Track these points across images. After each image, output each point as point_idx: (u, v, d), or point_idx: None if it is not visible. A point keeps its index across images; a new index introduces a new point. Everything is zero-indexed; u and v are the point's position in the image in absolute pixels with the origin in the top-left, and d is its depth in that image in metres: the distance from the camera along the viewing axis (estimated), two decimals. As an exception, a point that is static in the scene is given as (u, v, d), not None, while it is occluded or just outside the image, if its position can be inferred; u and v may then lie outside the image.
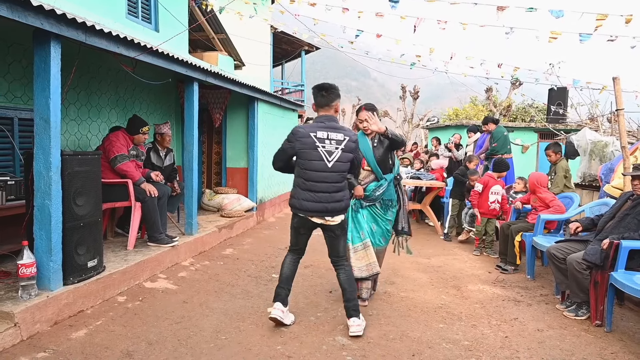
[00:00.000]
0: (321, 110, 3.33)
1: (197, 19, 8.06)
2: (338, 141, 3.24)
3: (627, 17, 4.83)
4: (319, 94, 3.30)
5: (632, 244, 3.50)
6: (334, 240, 3.41)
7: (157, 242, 4.86)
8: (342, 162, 3.26)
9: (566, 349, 3.20)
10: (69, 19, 3.13)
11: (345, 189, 3.37)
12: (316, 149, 3.21)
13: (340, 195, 3.30)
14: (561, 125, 11.17)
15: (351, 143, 3.29)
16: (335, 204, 3.26)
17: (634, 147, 5.48)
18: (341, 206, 3.31)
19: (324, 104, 3.30)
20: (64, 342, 3.01)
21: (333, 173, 3.24)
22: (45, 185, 3.27)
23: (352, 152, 3.31)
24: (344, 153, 3.25)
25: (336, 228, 3.35)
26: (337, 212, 3.29)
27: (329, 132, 3.23)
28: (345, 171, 3.32)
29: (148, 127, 5.04)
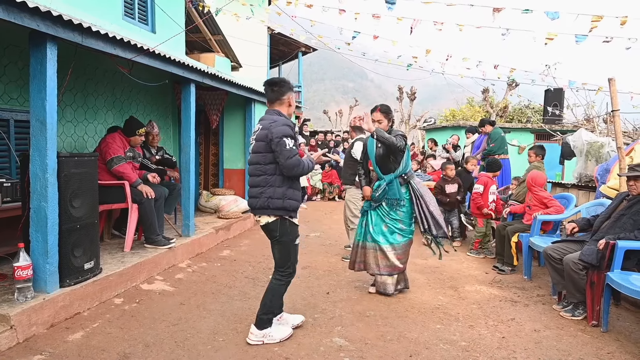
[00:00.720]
0: (272, 105, 3.16)
1: (194, 20, 8.05)
2: (255, 132, 3.10)
3: (622, 18, 4.85)
4: (269, 89, 3.14)
5: (628, 244, 3.52)
6: (272, 244, 3.18)
7: (154, 244, 4.85)
8: (256, 153, 3.06)
9: (563, 349, 3.20)
10: (65, 21, 3.13)
11: (264, 184, 3.01)
12: (250, 145, 3.18)
13: (256, 191, 3.05)
14: (557, 126, 11.22)
15: (263, 131, 2.99)
16: (251, 199, 3.09)
17: (629, 147, 5.51)
18: (256, 203, 3.04)
19: (274, 99, 3.13)
20: (60, 345, 3.00)
21: (251, 166, 3.11)
22: (41, 187, 3.26)
23: (264, 140, 2.97)
24: (257, 143, 3.04)
25: (264, 231, 3.12)
26: (254, 209, 3.07)
27: (258, 125, 3.11)
28: (261, 163, 3.03)
29: (144, 130, 5.06)
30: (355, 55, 10.72)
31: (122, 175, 4.66)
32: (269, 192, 3.01)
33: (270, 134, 2.94)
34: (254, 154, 3.09)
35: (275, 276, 3.20)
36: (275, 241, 3.12)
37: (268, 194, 3.01)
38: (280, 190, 3.01)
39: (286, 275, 3.21)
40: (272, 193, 3.00)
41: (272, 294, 3.19)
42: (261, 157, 3.03)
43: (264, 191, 3.01)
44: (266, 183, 3.02)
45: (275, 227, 3.06)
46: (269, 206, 3.01)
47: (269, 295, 3.18)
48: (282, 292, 3.24)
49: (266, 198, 3.00)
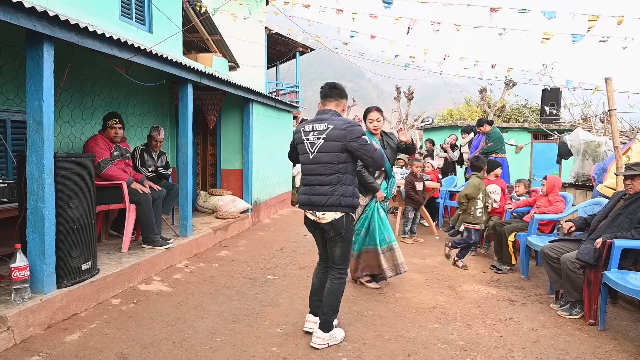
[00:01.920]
0: (329, 104, 3.22)
1: (191, 20, 8.04)
2: (320, 131, 3.07)
3: (619, 18, 4.87)
4: (327, 88, 3.24)
5: (625, 243, 3.53)
6: (329, 242, 3.17)
7: (151, 244, 4.84)
8: (324, 153, 3.05)
9: (560, 348, 3.21)
10: (62, 21, 3.12)
11: (335, 183, 3.05)
12: (302, 143, 3.17)
13: (325, 189, 3.05)
14: (554, 126, 11.25)
15: (335, 131, 3.01)
16: (317, 197, 3.06)
17: (626, 147, 5.53)
18: (324, 200, 3.03)
19: (326, 96, 3.23)
20: (57, 346, 2.99)
21: (316, 165, 3.09)
22: (38, 188, 3.25)
23: (340, 140, 3.01)
24: (327, 142, 3.03)
25: (328, 229, 3.09)
26: (321, 206, 3.05)
27: (314, 124, 3.12)
28: (334, 163, 3.04)
29: (116, 120, 4.81)
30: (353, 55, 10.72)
31: (112, 178, 4.62)
32: (341, 190, 3.05)
33: (349, 134, 3.00)
34: (322, 153, 3.06)
35: (336, 275, 3.18)
36: (340, 238, 3.12)
37: (340, 192, 3.05)
38: (350, 188, 3.10)
39: (345, 272, 3.22)
40: (344, 191, 3.05)
41: (336, 294, 3.17)
42: (334, 157, 3.05)
43: (336, 189, 3.05)
44: (338, 181, 3.06)
45: (342, 224, 3.08)
46: (340, 204, 3.04)
47: (333, 296, 3.15)
48: (343, 291, 3.23)
49: (338, 196, 3.04)
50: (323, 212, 3.07)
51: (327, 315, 3.14)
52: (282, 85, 17.29)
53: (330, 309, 3.15)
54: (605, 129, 8.00)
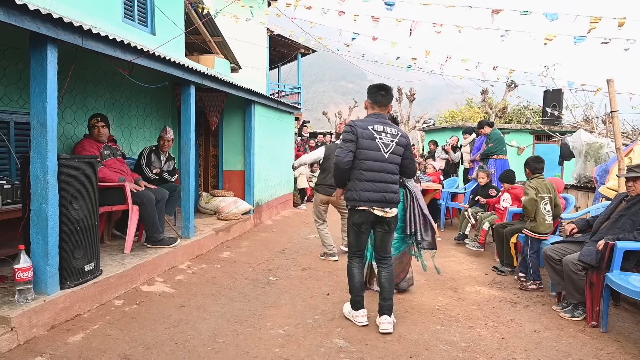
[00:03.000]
0: (378, 109, 3.50)
1: (194, 22, 8.07)
2: (393, 135, 3.41)
3: (621, 20, 4.87)
4: (379, 93, 3.47)
5: (627, 244, 3.53)
6: (385, 235, 3.52)
7: (158, 244, 4.84)
8: (396, 155, 3.42)
9: (562, 350, 3.21)
10: (66, 23, 3.14)
11: (397, 182, 3.48)
12: (374, 140, 3.37)
13: (395, 187, 3.44)
14: (556, 127, 11.24)
15: (403, 138, 3.44)
16: (392, 194, 3.39)
17: (628, 148, 5.52)
18: (397, 197, 3.44)
19: (384, 103, 3.50)
20: (61, 347, 3.00)
21: (389, 164, 3.41)
22: (41, 189, 3.26)
23: (405, 148, 3.45)
24: (397, 146, 3.41)
25: (392, 221, 3.47)
26: (394, 203, 3.41)
27: (384, 126, 3.42)
28: (399, 164, 3.46)
29: (97, 119, 4.76)
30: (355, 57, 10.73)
31: (102, 180, 4.58)
32: (397, 188, 3.51)
33: (409, 143, 3.52)
34: (394, 155, 3.42)
35: (389, 263, 3.57)
36: (395, 228, 3.57)
37: (397, 190, 3.50)
38: None
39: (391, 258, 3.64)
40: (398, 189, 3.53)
41: (392, 280, 3.55)
42: (397, 159, 3.45)
43: (397, 188, 3.49)
44: (398, 181, 3.52)
45: (397, 217, 3.54)
46: (399, 200, 3.51)
47: (391, 283, 3.52)
48: None
49: (399, 194, 3.54)
50: (393, 207, 3.43)
51: (391, 300, 3.50)
52: (284, 86, 17.32)
53: (392, 293, 3.53)
54: (607, 130, 8.00)
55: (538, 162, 4.85)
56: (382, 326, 3.42)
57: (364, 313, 3.55)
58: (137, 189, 4.80)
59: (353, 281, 3.55)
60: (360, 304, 3.56)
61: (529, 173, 4.88)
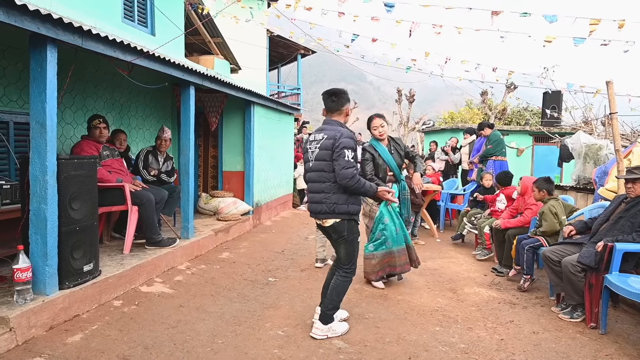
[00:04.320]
0: (331, 115, 3.35)
1: (193, 22, 8.07)
2: (317, 140, 3.24)
3: (620, 22, 4.87)
4: (329, 99, 3.34)
5: (626, 246, 3.53)
6: (333, 243, 3.40)
7: (157, 245, 4.84)
8: (319, 161, 3.20)
9: (561, 352, 3.21)
10: (66, 24, 3.14)
11: (328, 191, 3.16)
12: (307, 152, 3.35)
13: (320, 197, 3.19)
14: (556, 129, 11.24)
15: (328, 140, 3.15)
16: (315, 204, 3.23)
17: (627, 150, 5.53)
18: (321, 208, 3.18)
19: (335, 109, 3.34)
20: (59, 347, 3.00)
21: (314, 172, 3.26)
22: (41, 189, 3.26)
23: (329, 149, 3.14)
24: (321, 151, 3.19)
25: (330, 231, 3.26)
26: (319, 213, 3.21)
27: (316, 134, 3.29)
28: (326, 171, 3.16)
29: (99, 120, 4.75)
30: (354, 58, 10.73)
31: (99, 181, 4.58)
32: (334, 198, 3.17)
33: (336, 142, 3.12)
34: (317, 162, 3.22)
35: (341, 273, 3.36)
36: (342, 240, 3.27)
37: (333, 200, 3.17)
38: (344, 196, 3.18)
39: (351, 272, 3.38)
40: (337, 199, 3.17)
41: (338, 290, 3.35)
42: (325, 165, 3.18)
43: (329, 197, 3.17)
44: (330, 190, 3.18)
45: (343, 228, 3.23)
46: (334, 211, 3.17)
47: (335, 292, 3.33)
48: (346, 288, 3.41)
49: (332, 204, 3.16)
50: (321, 219, 3.24)
51: (326, 309, 3.32)
52: (284, 87, 17.32)
53: (331, 303, 3.32)
54: (607, 132, 8.00)
55: (550, 183, 4.80)
56: (312, 330, 3.34)
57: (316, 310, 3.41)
58: (136, 189, 4.80)
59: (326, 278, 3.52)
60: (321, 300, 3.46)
61: (546, 194, 4.72)
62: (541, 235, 4.53)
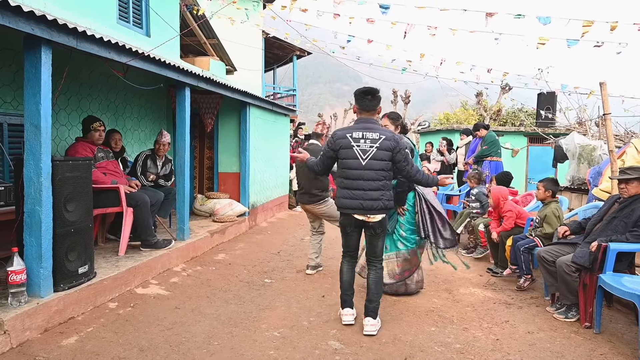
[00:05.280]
0: (365, 113, 3.46)
1: (189, 24, 8.06)
2: (373, 140, 3.34)
3: (613, 24, 4.91)
4: (365, 98, 3.44)
5: (619, 246, 3.56)
6: (372, 238, 3.51)
7: (152, 247, 4.83)
8: (377, 160, 3.33)
9: (556, 351, 3.23)
10: (60, 25, 3.13)
11: (384, 188, 3.37)
12: (351, 148, 3.37)
13: (377, 194, 3.34)
14: (550, 130, 11.30)
15: (387, 142, 3.33)
16: (370, 201, 3.33)
17: (621, 150, 5.57)
18: (377, 205, 3.34)
19: (370, 108, 3.46)
20: (54, 350, 2.98)
21: (369, 171, 3.34)
22: (35, 191, 3.24)
23: (390, 151, 3.32)
24: (379, 151, 3.32)
25: (376, 226, 3.43)
26: (373, 209, 3.35)
27: (364, 132, 3.37)
28: (384, 169, 3.35)
29: (100, 123, 4.76)
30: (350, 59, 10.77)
31: (94, 183, 4.56)
32: (387, 195, 3.41)
33: (398, 146, 3.35)
34: (375, 161, 3.33)
35: (378, 266, 3.56)
36: (382, 232, 3.52)
37: (387, 196, 3.40)
38: (390, 193, 3.46)
39: (382, 262, 3.63)
40: (389, 196, 3.43)
41: (381, 282, 3.57)
42: (385, 165, 3.36)
43: (384, 194, 3.38)
44: (385, 187, 3.38)
45: (386, 222, 3.52)
46: (387, 207, 3.41)
47: (379, 285, 3.53)
48: None
49: (386, 200, 3.39)
50: (372, 214, 3.37)
51: (376, 303, 3.49)
52: (279, 88, 17.31)
53: (378, 296, 3.52)
54: (600, 133, 8.05)
55: (557, 185, 4.92)
56: (365, 328, 3.43)
57: (348, 312, 3.58)
58: (131, 190, 4.79)
59: (342, 279, 3.63)
60: (346, 302, 3.61)
61: (550, 196, 4.77)
62: (542, 237, 4.56)
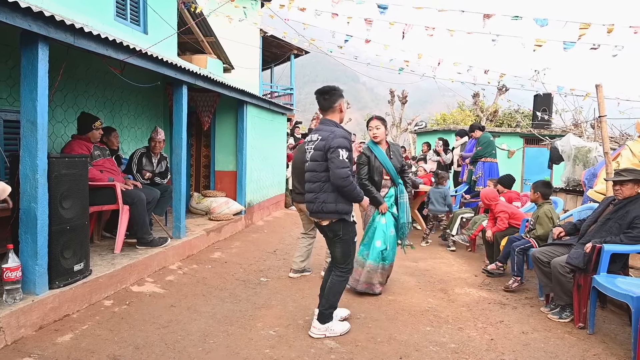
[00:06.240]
0: (325, 114, 3.40)
1: (186, 21, 8.03)
2: (313, 141, 3.29)
3: (609, 26, 4.94)
4: (321, 98, 3.37)
5: (614, 247, 3.58)
6: (329, 242, 3.44)
7: (148, 245, 4.82)
8: (312, 162, 3.27)
9: (550, 351, 3.25)
10: (58, 21, 3.12)
11: (319, 191, 3.21)
12: (305, 152, 3.40)
13: (310, 197, 3.27)
14: (546, 131, 11.36)
15: (322, 142, 3.19)
16: (309, 204, 3.30)
17: (616, 152, 5.60)
18: (311, 207, 3.26)
19: (327, 107, 3.37)
20: (49, 347, 2.97)
21: (309, 172, 3.32)
22: (31, 188, 3.23)
23: (322, 150, 3.18)
24: (315, 152, 3.24)
25: (327, 230, 3.32)
26: (312, 212, 3.28)
27: (312, 134, 3.35)
28: (317, 171, 3.23)
29: (101, 122, 4.80)
30: (348, 59, 10.77)
31: (92, 181, 4.55)
32: (323, 197, 3.22)
33: (328, 144, 3.15)
34: (311, 162, 3.28)
35: (337, 273, 3.39)
36: (338, 239, 3.32)
37: (322, 199, 3.22)
38: (332, 195, 3.21)
39: (346, 271, 3.41)
40: (326, 198, 3.21)
41: (335, 290, 3.37)
42: (317, 165, 3.24)
43: (318, 197, 3.24)
44: (320, 189, 3.23)
45: (339, 227, 3.28)
46: (322, 210, 3.22)
47: (332, 291, 3.36)
48: (343, 288, 3.43)
49: (320, 203, 3.22)
50: (323, 216, 3.25)
51: (324, 308, 3.35)
52: (277, 87, 17.30)
53: (328, 302, 3.35)
54: (596, 134, 8.10)
55: (549, 187, 4.90)
56: (310, 330, 3.39)
57: (315, 312, 3.48)
58: (127, 187, 4.78)
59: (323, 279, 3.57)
60: None
61: (540, 197, 4.81)
62: (535, 239, 4.58)
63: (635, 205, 3.73)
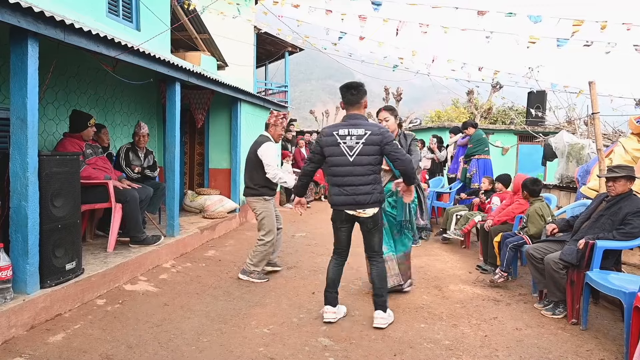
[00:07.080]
0: (350, 108, 3.47)
1: (180, 18, 7.98)
2: (359, 136, 3.35)
3: (602, 23, 4.96)
4: (348, 93, 3.45)
5: (606, 244, 3.60)
6: (367, 234, 3.53)
7: (141, 243, 4.79)
8: (364, 156, 3.35)
9: (543, 347, 3.27)
10: (48, 17, 3.08)
11: (374, 182, 3.41)
12: (338, 146, 3.39)
13: (368, 189, 3.38)
14: (540, 128, 11.41)
15: (374, 136, 3.33)
16: (361, 196, 3.37)
17: (609, 149, 5.63)
18: (368, 199, 3.38)
19: (354, 102, 3.45)
20: (40, 347, 2.95)
21: (357, 167, 3.37)
22: (21, 187, 3.20)
23: (377, 145, 3.34)
24: (366, 146, 3.34)
25: (368, 221, 3.44)
26: (365, 204, 3.38)
27: (350, 129, 3.38)
28: (372, 164, 3.38)
29: (94, 120, 4.80)
30: (342, 56, 10.74)
31: (87, 179, 4.51)
32: (379, 188, 3.46)
33: (385, 139, 3.35)
34: (362, 156, 3.36)
35: (379, 260, 3.58)
36: (377, 227, 3.52)
37: (379, 189, 3.44)
38: (380, 186, 3.50)
39: (381, 255, 3.63)
40: (380, 189, 3.48)
41: (384, 276, 3.59)
42: (373, 159, 3.38)
43: (376, 188, 3.42)
44: (376, 181, 3.43)
45: (380, 215, 3.52)
46: (380, 200, 3.45)
47: (381, 279, 3.54)
48: (387, 271, 3.69)
49: (378, 193, 3.42)
50: (364, 209, 3.39)
51: (384, 297, 3.53)
52: (271, 84, 17.24)
53: (383, 289, 3.54)
54: (589, 131, 8.14)
55: (537, 185, 4.94)
56: (375, 321, 3.50)
57: (329, 309, 3.56)
58: (122, 186, 4.74)
59: (327, 276, 3.64)
60: (328, 299, 3.60)
61: (528, 195, 4.90)
62: (529, 236, 4.59)
63: (627, 202, 3.75)
